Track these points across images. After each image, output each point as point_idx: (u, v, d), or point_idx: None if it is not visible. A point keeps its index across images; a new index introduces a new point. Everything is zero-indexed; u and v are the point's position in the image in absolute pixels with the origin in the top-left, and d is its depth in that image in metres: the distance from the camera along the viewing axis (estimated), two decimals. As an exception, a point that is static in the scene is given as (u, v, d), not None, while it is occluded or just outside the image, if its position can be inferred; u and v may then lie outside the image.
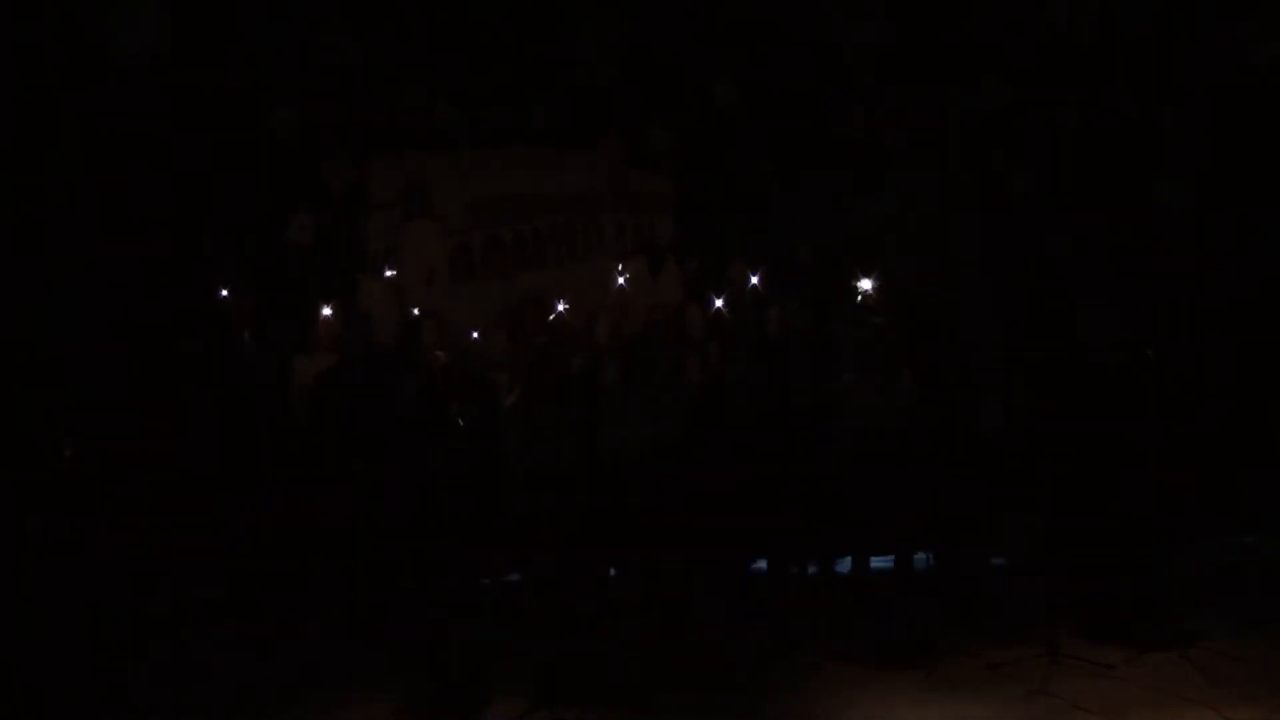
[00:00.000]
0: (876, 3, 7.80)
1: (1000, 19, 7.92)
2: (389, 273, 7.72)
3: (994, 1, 7.95)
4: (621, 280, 7.66)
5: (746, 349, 6.77)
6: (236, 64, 7.40)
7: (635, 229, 8.06)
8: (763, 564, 7.00)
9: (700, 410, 6.58)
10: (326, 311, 6.90)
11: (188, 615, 6.55)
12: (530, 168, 7.92)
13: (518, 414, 5.88)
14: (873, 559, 6.72)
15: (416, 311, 7.24)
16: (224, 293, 7.09)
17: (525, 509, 5.86)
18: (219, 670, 5.86)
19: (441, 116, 7.78)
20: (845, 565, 7.10)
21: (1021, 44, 7.95)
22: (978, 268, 6.71)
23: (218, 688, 5.60)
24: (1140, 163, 8.01)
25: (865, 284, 7.05)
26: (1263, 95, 7.92)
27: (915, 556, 6.80)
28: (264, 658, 5.99)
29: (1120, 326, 6.94)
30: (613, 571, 6.76)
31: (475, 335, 6.98)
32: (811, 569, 7.01)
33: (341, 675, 5.72)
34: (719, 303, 7.28)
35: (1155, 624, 5.99)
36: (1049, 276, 7.68)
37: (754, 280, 7.19)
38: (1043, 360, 6.98)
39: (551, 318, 7.25)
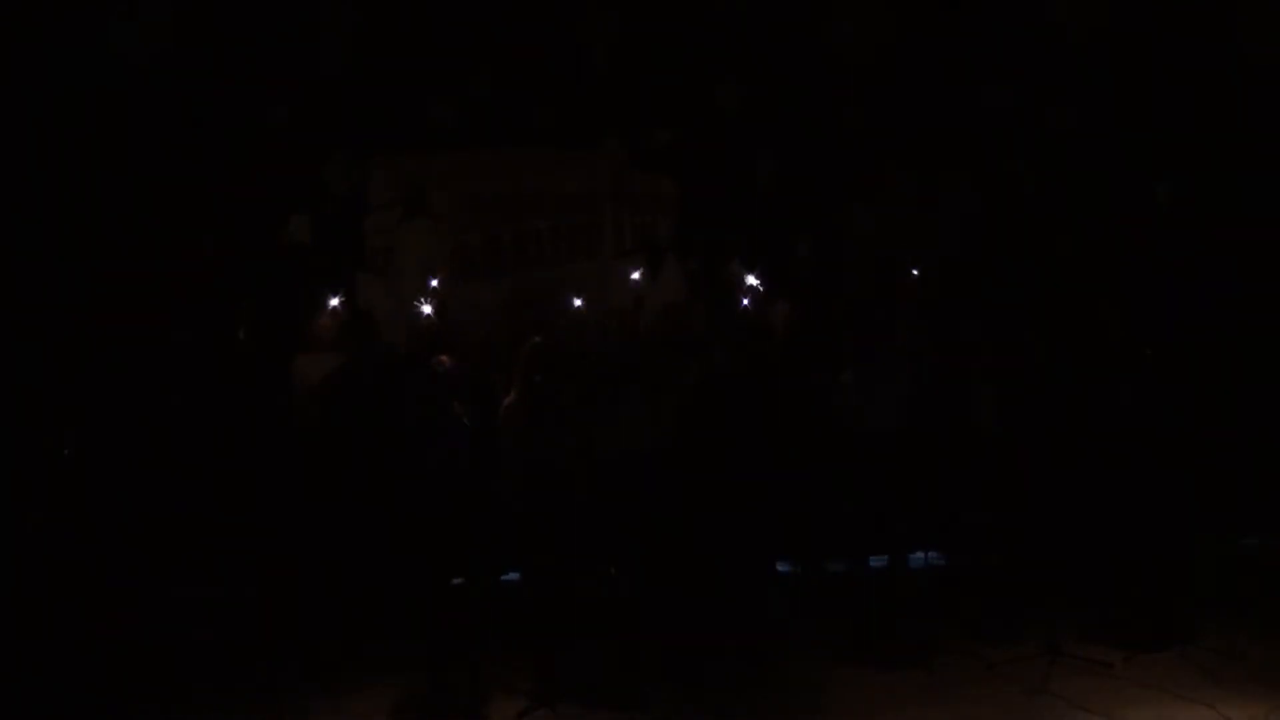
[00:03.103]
0: (877, 3, 7.81)
1: (1001, 19, 7.94)
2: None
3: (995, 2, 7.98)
4: (622, 280, 7.63)
5: (748, 347, 6.76)
6: (236, 64, 7.40)
7: (636, 228, 8.04)
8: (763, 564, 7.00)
9: (699, 410, 6.58)
10: (334, 303, 6.90)
11: (188, 613, 6.55)
12: (530, 168, 7.88)
13: (514, 412, 5.88)
14: (871, 558, 6.72)
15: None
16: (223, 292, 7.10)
17: (522, 507, 5.86)
18: (219, 669, 5.86)
19: (441, 116, 7.77)
20: (842, 564, 7.12)
21: (1022, 45, 7.96)
22: (975, 267, 6.70)
23: (218, 686, 5.60)
24: (1140, 163, 8.02)
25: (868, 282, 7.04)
26: (1262, 95, 7.94)
27: (914, 556, 6.80)
28: (265, 656, 5.99)
29: (1119, 325, 6.96)
30: (612, 570, 6.76)
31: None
32: (812, 568, 7.01)
33: (342, 673, 5.73)
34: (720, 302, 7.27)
35: (1155, 623, 6.01)
36: (1048, 275, 7.70)
37: (752, 279, 7.15)
38: (1040, 359, 6.99)
39: (550, 316, 7.20)
